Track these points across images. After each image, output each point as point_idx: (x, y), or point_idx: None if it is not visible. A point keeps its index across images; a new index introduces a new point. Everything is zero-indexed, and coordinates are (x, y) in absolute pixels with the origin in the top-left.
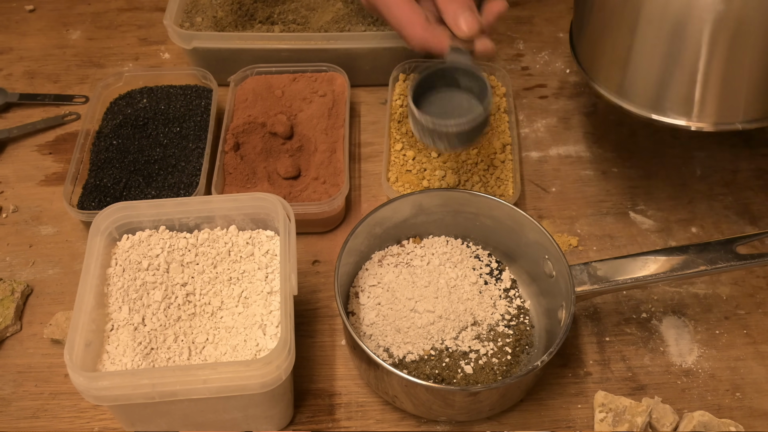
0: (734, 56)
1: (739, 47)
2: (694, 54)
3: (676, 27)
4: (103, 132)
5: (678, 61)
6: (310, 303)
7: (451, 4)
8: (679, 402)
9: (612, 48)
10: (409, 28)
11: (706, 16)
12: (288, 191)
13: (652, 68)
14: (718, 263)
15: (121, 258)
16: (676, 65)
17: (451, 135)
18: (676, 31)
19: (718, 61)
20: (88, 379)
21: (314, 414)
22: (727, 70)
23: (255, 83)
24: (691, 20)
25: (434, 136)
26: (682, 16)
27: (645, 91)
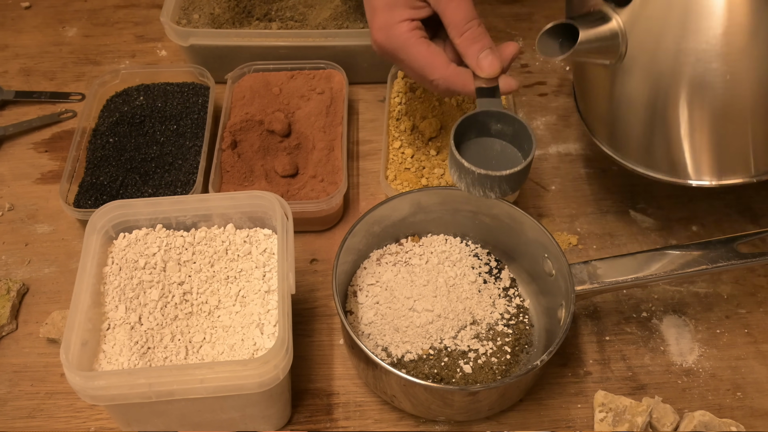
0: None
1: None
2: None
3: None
4: (100, 130)
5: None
6: (307, 302)
7: (471, 46)
8: (679, 402)
9: (612, 114)
10: (430, 69)
11: (686, 84)
12: (286, 189)
13: (671, 137)
14: (719, 262)
15: (118, 256)
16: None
17: (503, 183)
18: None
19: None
20: (84, 379)
21: (312, 414)
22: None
23: (252, 81)
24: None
25: (485, 186)
26: (665, 85)
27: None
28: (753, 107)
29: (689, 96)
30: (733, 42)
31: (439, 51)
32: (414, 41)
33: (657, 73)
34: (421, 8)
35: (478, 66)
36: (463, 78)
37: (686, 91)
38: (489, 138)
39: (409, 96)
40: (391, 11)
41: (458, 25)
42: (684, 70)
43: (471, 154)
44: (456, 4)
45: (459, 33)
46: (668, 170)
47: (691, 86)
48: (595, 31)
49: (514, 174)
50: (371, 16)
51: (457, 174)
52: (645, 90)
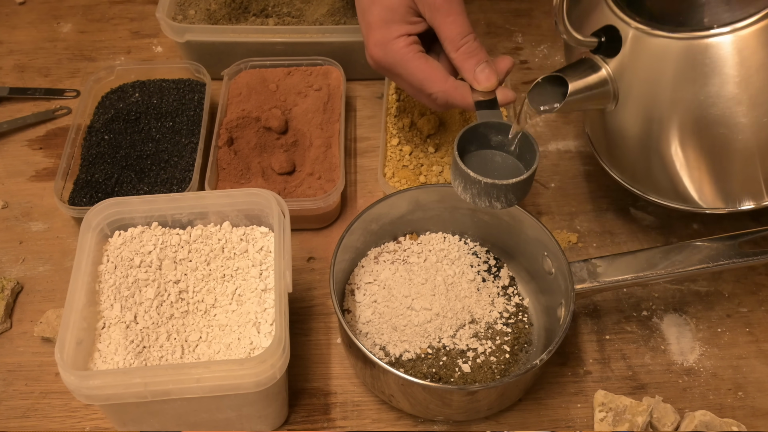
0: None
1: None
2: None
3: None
4: (95, 127)
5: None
6: (305, 300)
7: (468, 61)
8: (680, 401)
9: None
10: (429, 83)
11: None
12: (282, 187)
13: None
14: (721, 260)
15: (113, 255)
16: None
17: (509, 192)
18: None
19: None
20: (79, 378)
21: (309, 413)
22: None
23: (249, 77)
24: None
25: (491, 195)
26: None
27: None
28: (749, 147)
29: (684, 138)
30: (726, 90)
31: (437, 65)
32: (412, 56)
33: (650, 119)
34: (416, 23)
35: (475, 80)
36: (461, 91)
37: (681, 133)
38: (489, 150)
39: (407, 93)
40: (388, 27)
41: (454, 40)
42: (676, 116)
43: (473, 166)
44: (452, 20)
45: (455, 48)
46: (676, 199)
47: (685, 130)
48: (585, 81)
49: (520, 183)
50: (367, 31)
51: (462, 185)
52: (640, 133)
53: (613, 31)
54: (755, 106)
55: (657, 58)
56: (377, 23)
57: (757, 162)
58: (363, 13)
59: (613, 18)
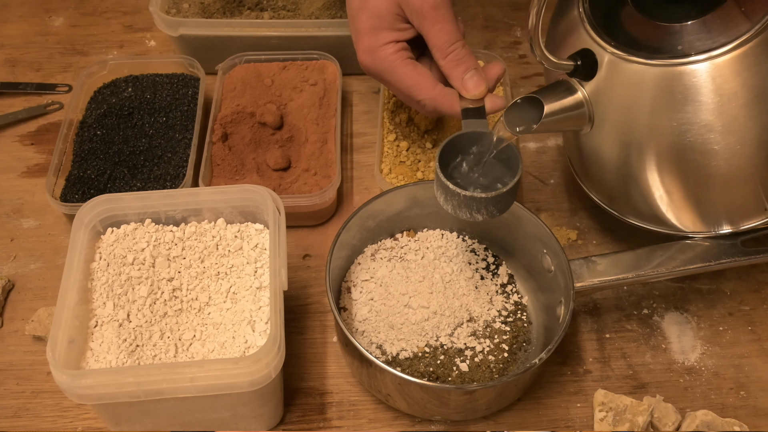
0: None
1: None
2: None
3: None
4: (87, 122)
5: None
6: (300, 298)
7: (456, 68)
8: (681, 401)
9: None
10: (417, 90)
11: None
12: (278, 183)
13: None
14: (723, 258)
15: (106, 252)
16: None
17: (489, 205)
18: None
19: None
20: (71, 377)
21: (305, 413)
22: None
23: (244, 72)
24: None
25: (471, 208)
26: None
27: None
28: (724, 174)
29: (660, 163)
30: (700, 117)
31: (425, 72)
32: (399, 63)
33: (625, 142)
34: (405, 30)
35: (463, 87)
36: (449, 99)
37: (656, 158)
38: (477, 157)
39: None
40: (376, 34)
41: (442, 47)
42: (652, 141)
43: (458, 175)
44: (440, 27)
45: (443, 55)
46: (653, 221)
47: (660, 155)
48: (561, 103)
49: (500, 196)
50: (356, 38)
51: (443, 196)
52: (615, 156)
53: (589, 55)
54: (729, 133)
55: (632, 84)
56: (365, 30)
57: (732, 188)
58: (352, 20)
59: (589, 42)
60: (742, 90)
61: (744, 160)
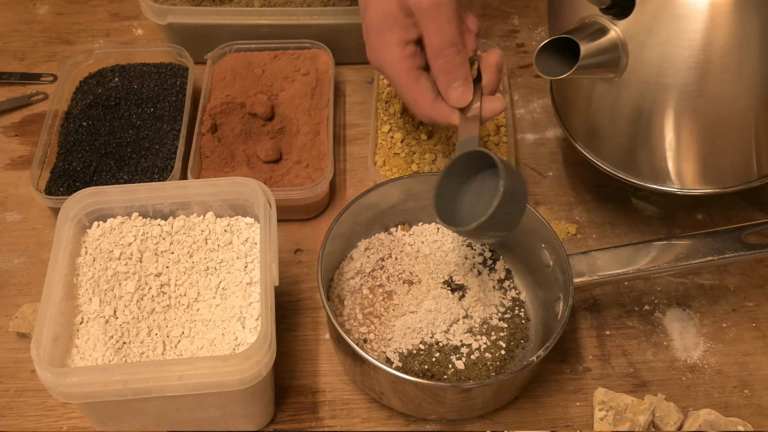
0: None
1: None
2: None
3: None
4: (73, 113)
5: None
6: (292, 294)
7: (444, 75)
8: (683, 399)
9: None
10: (414, 105)
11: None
12: (269, 176)
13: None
14: (726, 253)
15: (92, 247)
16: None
17: (489, 229)
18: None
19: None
20: (56, 375)
21: (296, 412)
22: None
23: (233, 61)
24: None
25: (477, 236)
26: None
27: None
28: (756, 117)
29: (696, 108)
30: (747, 57)
31: (425, 87)
32: (404, 73)
33: (662, 85)
34: (413, 27)
35: (446, 95)
36: (446, 116)
37: (693, 103)
38: (476, 176)
39: None
40: (383, 34)
41: (435, 50)
42: (691, 82)
43: (471, 195)
44: (435, 28)
45: (435, 58)
46: (664, 180)
47: (698, 98)
48: (596, 44)
49: (486, 221)
50: (365, 33)
51: (453, 234)
52: (647, 104)
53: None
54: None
55: (677, 17)
56: (375, 28)
57: (751, 137)
58: (362, 11)
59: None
60: None
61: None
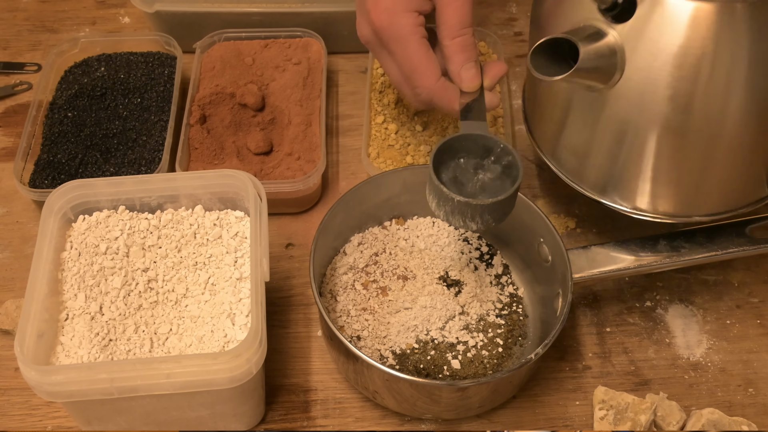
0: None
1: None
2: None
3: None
4: (57, 103)
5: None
6: (283, 290)
7: (459, 54)
8: (686, 398)
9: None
10: (420, 75)
11: (653, 122)
12: (259, 168)
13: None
14: (730, 247)
15: (77, 241)
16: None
17: (485, 213)
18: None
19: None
20: (40, 374)
21: (288, 411)
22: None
23: (223, 50)
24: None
25: (465, 215)
26: (630, 120)
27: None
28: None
29: (685, 124)
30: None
31: (434, 59)
32: (417, 38)
33: (652, 97)
34: (427, 2)
35: (459, 76)
36: (449, 94)
37: (684, 117)
38: (474, 161)
39: None
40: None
41: (452, 28)
42: (681, 95)
43: (453, 179)
44: (458, 5)
45: (451, 36)
46: (619, 198)
47: (688, 114)
48: (595, 47)
49: (498, 203)
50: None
51: (435, 201)
52: (633, 117)
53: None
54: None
55: (678, 23)
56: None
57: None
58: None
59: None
60: None
61: None
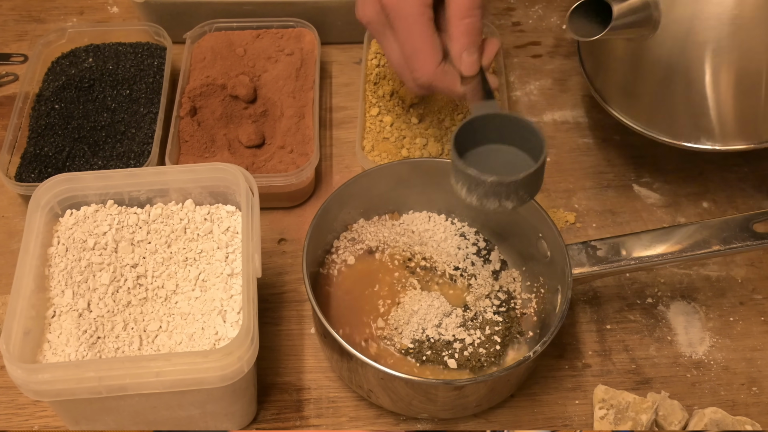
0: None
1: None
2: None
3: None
4: (44, 95)
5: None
6: (275, 286)
7: (465, 36)
8: (688, 397)
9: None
10: (422, 59)
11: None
12: (251, 161)
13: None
14: (733, 243)
15: (64, 236)
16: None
17: (519, 189)
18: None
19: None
20: (26, 372)
21: (280, 411)
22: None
23: (214, 40)
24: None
25: (500, 195)
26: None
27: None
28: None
29: (729, 63)
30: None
31: (438, 43)
32: (424, 20)
33: (695, 42)
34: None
35: (459, 58)
36: (449, 78)
37: (725, 58)
38: (489, 145)
39: None
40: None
41: (463, 10)
42: (723, 37)
43: (475, 163)
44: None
45: (460, 15)
46: (697, 137)
47: (730, 53)
48: (628, 3)
49: (531, 176)
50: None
51: (465, 188)
52: (681, 61)
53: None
54: None
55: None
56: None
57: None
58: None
59: None
60: None
61: None
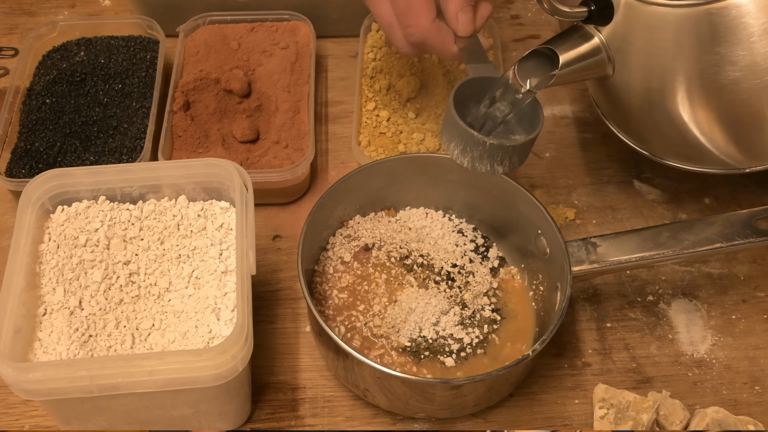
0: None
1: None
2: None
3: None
4: (35, 89)
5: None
6: (270, 284)
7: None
8: (690, 396)
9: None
10: (414, 12)
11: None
12: (245, 157)
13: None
14: (735, 239)
15: (56, 233)
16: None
17: (514, 154)
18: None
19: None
20: (17, 371)
21: (275, 410)
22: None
23: (207, 34)
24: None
25: (495, 158)
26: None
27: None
28: (756, 111)
29: (690, 102)
30: (732, 55)
31: (433, 1)
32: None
33: (650, 87)
34: None
35: (455, 17)
36: (443, 35)
37: (687, 98)
38: (485, 103)
39: (385, 51)
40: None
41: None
42: (679, 83)
43: (470, 124)
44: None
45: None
46: (688, 160)
47: (690, 95)
48: (577, 51)
49: (528, 143)
50: None
51: (460, 147)
52: (642, 98)
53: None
54: (761, 71)
55: (653, 27)
56: None
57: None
58: None
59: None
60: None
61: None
